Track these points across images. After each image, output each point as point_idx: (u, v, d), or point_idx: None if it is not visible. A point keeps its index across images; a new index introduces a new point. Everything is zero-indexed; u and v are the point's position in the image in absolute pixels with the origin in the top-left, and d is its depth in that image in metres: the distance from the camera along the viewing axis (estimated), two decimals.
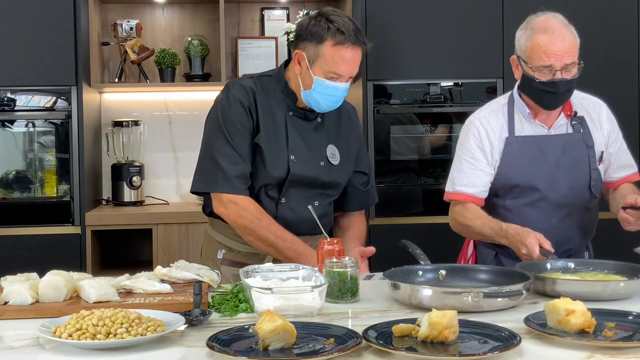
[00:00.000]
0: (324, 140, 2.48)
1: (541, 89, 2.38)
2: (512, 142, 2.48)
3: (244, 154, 2.37)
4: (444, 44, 4.09)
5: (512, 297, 1.90)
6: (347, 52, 2.29)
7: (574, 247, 2.50)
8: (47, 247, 3.84)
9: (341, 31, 2.28)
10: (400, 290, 1.96)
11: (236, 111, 2.38)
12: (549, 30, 2.35)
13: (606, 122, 2.54)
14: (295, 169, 2.39)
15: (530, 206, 2.47)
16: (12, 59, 3.86)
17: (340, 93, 2.36)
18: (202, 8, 4.47)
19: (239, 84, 2.44)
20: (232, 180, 2.36)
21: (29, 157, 3.98)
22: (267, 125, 2.39)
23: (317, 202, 2.46)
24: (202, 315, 1.80)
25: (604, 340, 1.61)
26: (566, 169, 2.46)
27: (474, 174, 2.50)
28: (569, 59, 2.34)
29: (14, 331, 1.75)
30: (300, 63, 2.36)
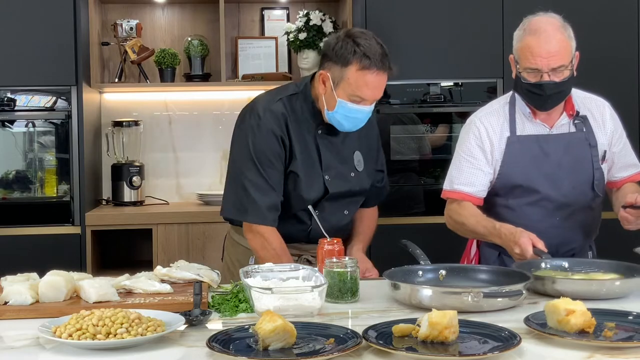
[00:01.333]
0: (351, 149, 2.50)
1: (529, 90, 2.38)
2: (514, 142, 2.48)
3: (275, 185, 2.38)
4: (444, 44, 4.09)
5: (512, 297, 1.90)
6: (372, 77, 2.28)
7: (577, 246, 2.50)
8: (47, 247, 3.84)
9: (367, 56, 2.26)
10: (400, 290, 1.96)
11: (268, 141, 2.38)
12: (538, 32, 2.34)
13: (610, 121, 2.53)
14: (332, 187, 2.42)
15: (532, 206, 2.47)
16: (12, 59, 3.86)
17: (363, 116, 2.36)
18: (202, 8, 4.47)
19: (270, 110, 2.40)
20: (263, 211, 2.37)
21: (29, 157, 3.97)
22: (301, 149, 2.39)
23: (346, 210, 2.49)
24: (202, 315, 1.81)
25: (604, 340, 1.61)
26: (568, 168, 2.45)
27: (473, 173, 2.50)
28: (557, 62, 2.32)
29: (14, 331, 1.75)
30: (325, 83, 2.34)
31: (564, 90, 2.38)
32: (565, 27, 2.38)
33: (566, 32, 2.37)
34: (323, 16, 4.31)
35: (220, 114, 4.47)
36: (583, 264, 2.25)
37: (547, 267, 2.24)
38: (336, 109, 2.33)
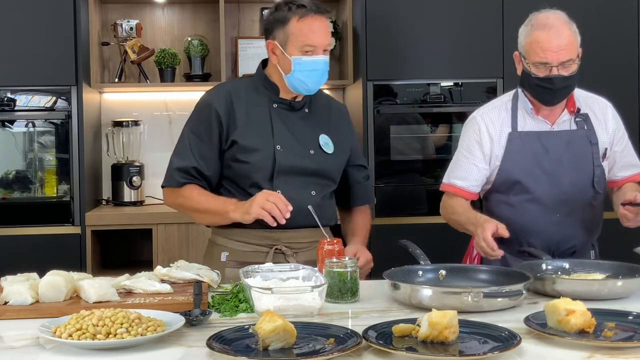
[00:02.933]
0: (315, 130, 2.50)
1: (538, 84, 2.40)
2: (515, 138, 2.49)
3: (195, 151, 2.43)
4: (444, 44, 4.09)
5: (512, 297, 1.90)
6: (313, 22, 2.35)
7: (578, 244, 2.50)
8: (47, 247, 3.84)
9: (301, 5, 2.36)
10: (400, 290, 1.96)
11: (202, 114, 2.46)
12: (546, 26, 2.37)
13: (612, 120, 2.54)
14: (282, 158, 2.40)
15: (532, 202, 2.48)
16: (12, 59, 3.86)
17: (321, 66, 2.38)
18: (202, 8, 4.47)
19: (215, 89, 2.52)
20: (171, 172, 2.47)
21: (29, 157, 3.97)
22: (249, 120, 2.42)
23: (314, 191, 2.45)
24: (202, 315, 1.80)
25: (604, 340, 1.61)
26: (569, 165, 2.46)
27: (467, 169, 2.53)
28: (566, 56, 2.36)
29: (14, 331, 1.75)
30: (274, 52, 2.41)
31: (571, 84, 2.41)
32: (571, 22, 2.42)
33: (572, 27, 2.41)
34: None
35: None
36: (583, 265, 2.25)
37: (548, 268, 2.24)
38: (293, 68, 2.37)
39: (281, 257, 2.41)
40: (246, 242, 2.44)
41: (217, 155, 2.44)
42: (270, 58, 2.45)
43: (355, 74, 4.18)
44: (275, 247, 2.42)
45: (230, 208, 2.36)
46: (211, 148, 2.43)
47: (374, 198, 2.73)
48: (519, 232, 2.47)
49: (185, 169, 2.43)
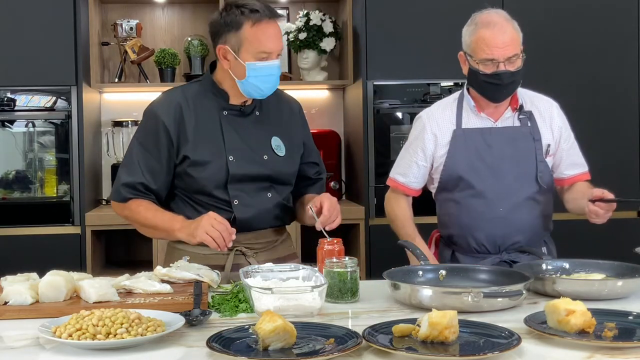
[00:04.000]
0: (266, 133, 2.45)
1: (485, 81, 2.45)
2: (459, 135, 2.54)
3: (143, 167, 2.37)
4: (444, 44, 4.08)
5: (512, 297, 1.90)
6: (268, 28, 2.30)
7: (524, 240, 2.52)
8: (47, 247, 3.84)
9: (255, 10, 2.29)
10: (400, 290, 1.96)
11: (150, 128, 2.39)
12: (490, 24, 2.44)
13: (558, 118, 2.60)
14: (234, 169, 2.36)
15: (475, 197, 2.52)
16: (12, 59, 3.86)
17: (275, 71, 2.34)
18: (202, 8, 4.47)
19: (163, 99, 2.43)
20: (118, 187, 2.40)
21: (29, 157, 3.97)
22: (200, 133, 2.37)
23: (269, 193, 2.43)
24: (202, 315, 1.80)
25: (604, 340, 1.61)
26: (511, 160, 2.50)
27: (408, 165, 2.63)
28: (511, 51, 2.42)
29: (14, 331, 1.75)
30: (226, 57, 2.34)
31: (517, 79, 2.47)
32: (512, 20, 2.49)
33: (514, 25, 2.48)
34: (323, 16, 4.31)
35: None
36: (583, 265, 2.25)
37: (548, 268, 2.24)
38: (247, 74, 2.31)
39: (242, 258, 2.40)
40: (204, 246, 2.35)
41: (166, 169, 2.38)
42: (222, 63, 2.36)
43: (355, 74, 4.18)
44: (236, 248, 2.39)
45: (176, 227, 2.33)
46: (160, 162, 2.37)
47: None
48: (465, 229, 2.54)
49: (132, 184, 2.38)
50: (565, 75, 4.13)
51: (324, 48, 4.31)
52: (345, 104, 4.57)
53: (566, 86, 4.13)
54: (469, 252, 2.55)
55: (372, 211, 4.02)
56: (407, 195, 2.68)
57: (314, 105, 4.61)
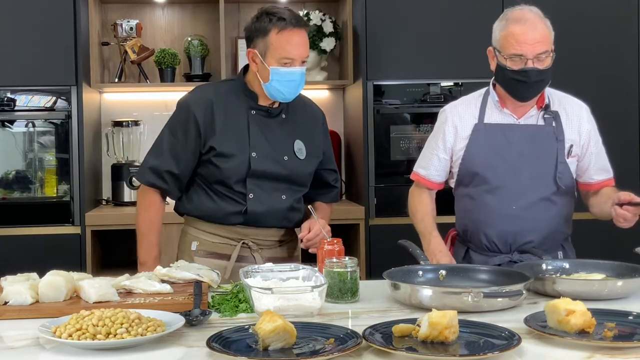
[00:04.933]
0: (290, 136, 2.58)
1: (513, 77, 2.42)
2: (480, 129, 2.52)
3: (171, 152, 2.52)
4: (444, 44, 4.09)
5: (512, 297, 1.90)
6: (292, 36, 2.43)
7: (537, 240, 2.48)
8: (47, 247, 3.84)
9: (282, 18, 2.43)
10: (400, 290, 1.96)
11: (181, 119, 2.54)
12: (521, 20, 2.41)
13: (587, 122, 2.56)
14: (256, 164, 2.49)
15: (490, 193, 2.50)
16: (12, 59, 3.86)
17: (297, 77, 2.46)
18: (202, 8, 4.47)
19: (198, 93, 2.59)
20: (144, 169, 2.58)
21: (29, 157, 3.97)
22: (227, 127, 2.50)
23: (284, 195, 2.55)
24: (202, 315, 1.81)
25: (604, 340, 1.61)
26: (530, 158, 2.47)
27: (429, 158, 2.63)
28: (541, 49, 2.39)
29: (14, 331, 1.75)
30: (255, 60, 2.49)
31: (545, 78, 2.44)
32: (545, 18, 2.46)
33: (547, 22, 2.45)
34: (323, 16, 4.31)
35: None
36: (583, 265, 2.25)
37: (548, 268, 2.24)
38: (271, 78, 2.44)
39: (247, 252, 2.55)
40: (216, 234, 2.56)
41: (191, 157, 2.53)
42: (251, 65, 2.52)
43: (355, 74, 4.18)
44: (243, 241, 2.54)
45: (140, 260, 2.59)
46: (186, 150, 2.52)
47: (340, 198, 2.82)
48: (478, 225, 2.53)
49: (158, 169, 2.54)
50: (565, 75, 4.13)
51: (324, 48, 4.31)
52: (345, 104, 4.57)
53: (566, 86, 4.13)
54: (481, 249, 2.53)
55: (372, 211, 4.01)
56: (429, 189, 2.66)
57: None
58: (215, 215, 2.53)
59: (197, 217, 2.58)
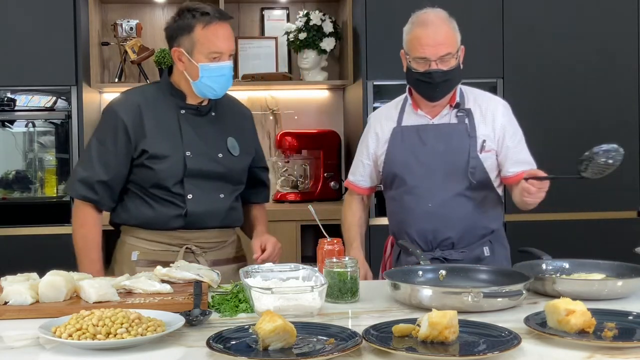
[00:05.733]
0: (222, 133, 2.55)
1: (418, 79, 2.47)
2: (397, 132, 2.58)
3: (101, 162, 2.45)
4: None
5: (512, 297, 1.90)
6: (218, 29, 2.40)
7: (455, 236, 2.49)
8: (47, 247, 3.84)
9: (205, 13, 2.40)
10: (400, 290, 1.96)
11: (109, 126, 2.48)
12: (425, 23, 2.46)
13: (501, 117, 2.56)
14: (191, 163, 2.45)
15: (408, 193, 2.54)
16: (12, 59, 3.86)
17: (227, 72, 2.44)
18: None
19: (123, 99, 2.53)
20: (74, 182, 2.50)
21: (29, 157, 3.98)
22: (158, 129, 2.46)
23: (222, 194, 2.52)
24: (202, 315, 1.81)
25: (604, 340, 1.61)
26: (444, 157, 2.50)
27: (356, 164, 2.71)
28: (444, 50, 2.43)
29: (14, 331, 1.75)
30: (181, 59, 2.45)
31: (451, 79, 2.48)
32: (450, 20, 2.50)
33: (452, 24, 2.49)
34: (323, 16, 4.31)
35: None
36: (583, 265, 2.25)
37: (548, 268, 2.24)
38: (200, 75, 2.41)
39: (191, 256, 2.48)
40: (157, 241, 2.50)
41: (123, 164, 2.46)
42: (177, 65, 2.48)
43: (355, 74, 4.18)
44: (185, 246, 2.48)
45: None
46: (117, 158, 2.46)
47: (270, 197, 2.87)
48: (400, 225, 2.57)
49: (88, 181, 2.46)
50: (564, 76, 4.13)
51: (324, 48, 4.31)
52: (345, 104, 4.57)
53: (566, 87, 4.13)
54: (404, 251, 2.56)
55: (372, 211, 4.01)
56: (359, 194, 2.73)
57: (314, 105, 4.61)
58: (155, 221, 2.47)
59: (135, 225, 2.51)
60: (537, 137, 4.11)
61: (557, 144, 4.12)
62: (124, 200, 2.53)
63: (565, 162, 4.11)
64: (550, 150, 4.12)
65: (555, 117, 4.12)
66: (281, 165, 4.48)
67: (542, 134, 4.11)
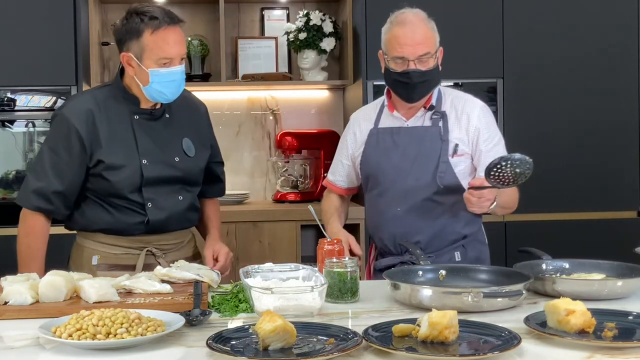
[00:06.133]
0: (177, 135, 2.50)
1: (396, 79, 2.47)
2: (373, 134, 2.57)
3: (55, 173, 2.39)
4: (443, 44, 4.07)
5: (512, 297, 1.90)
6: (168, 34, 2.32)
7: (423, 240, 2.47)
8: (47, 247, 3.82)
9: (154, 17, 2.32)
10: (400, 290, 1.96)
11: (61, 134, 2.40)
12: (404, 23, 2.46)
13: (476, 120, 2.53)
14: (148, 172, 2.40)
15: (379, 196, 2.54)
16: (12, 59, 3.86)
17: (178, 77, 2.37)
18: (202, 8, 4.47)
19: (74, 105, 2.44)
20: (27, 192, 2.44)
21: (29, 157, 3.97)
22: (113, 138, 2.40)
23: (181, 196, 2.49)
24: (202, 315, 1.81)
25: (604, 340, 1.61)
26: (416, 160, 2.48)
27: (336, 164, 2.70)
28: (422, 50, 2.43)
29: (14, 331, 1.75)
30: (131, 64, 2.37)
31: (429, 79, 2.47)
32: (429, 20, 2.50)
33: (430, 25, 2.49)
34: (323, 16, 4.31)
35: (220, 114, 4.47)
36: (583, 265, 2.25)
37: (548, 268, 2.24)
38: (150, 80, 2.34)
39: (152, 259, 2.46)
40: (117, 245, 2.45)
41: (77, 173, 2.41)
42: (127, 70, 2.40)
43: (355, 74, 4.18)
44: (146, 249, 2.46)
45: None
46: (70, 167, 2.39)
47: None
48: (374, 229, 2.58)
49: (43, 191, 2.41)
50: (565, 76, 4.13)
51: (324, 48, 4.31)
52: (345, 104, 4.57)
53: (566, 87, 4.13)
54: (380, 252, 2.56)
55: None
56: (338, 194, 2.72)
57: (314, 105, 4.61)
58: (115, 227, 2.43)
59: (94, 231, 2.47)
60: (536, 137, 4.12)
61: (557, 143, 4.12)
62: (80, 207, 2.47)
63: (565, 162, 4.13)
64: (550, 150, 4.12)
65: (555, 117, 4.12)
66: (281, 165, 4.48)
67: (541, 133, 4.12)
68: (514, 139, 4.08)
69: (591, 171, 4.14)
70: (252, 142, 4.52)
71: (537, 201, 4.10)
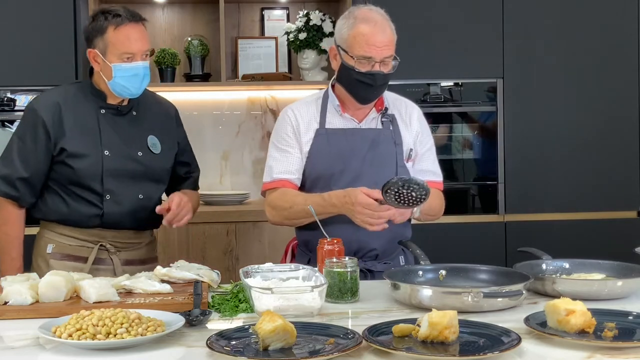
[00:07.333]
0: (143, 132, 2.59)
1: (358, 79, 2.38)
2: (322, 134, 2.47)
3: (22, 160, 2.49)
4: (443, 44, 4.09)
5: (512, 297, 1.90)
6: (129, 31, 2.46)
7: (380, 246, 2.43)
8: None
9: (117, 15, 2.46)
10: (400, 290, 1.96)
11: (29, 124, 2.51)
12: (371, 21, 2.37)
13: (416, 122, 2.53)
14: (109, 163, 2.49)
15: None
16: (12, 59, 3.86)
17: (141, 71, 2.48)
18: (202, 8, 4.47)
19: (43, 98, 2.56)
20: None
21: None
22: (78, 128, 2.50)
23: (141, 195, 2.55)
24: (202, 315, 1.81)
25: (604, 340, 1.61)
26: (372, 163, 2.43)
27: (290, 161, 2.48)
28: (388, 52, 2.37)
29: (14, 331, 1.75)
30: (96, 60, 2.50)
31: (387, 82, 2.43)
32: (390, 20, 2.42)
33: (392, 25, 2.42)
34: (323, 16, 4.31)
35: (220, 114, 4.47)
36: (583, 265, 2.25)
37: (548, 268, 2.24)
38: (114, 75, 2.46)
39: (105, 254, 2.54)
40: (73, 236, 2.53)
41: (42, 161, 2.50)
42: (93, 66, 2.52)
43: None
44: (100, 243, 2.53)
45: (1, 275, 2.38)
46: (36, 154, 2.49)
47: None
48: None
49: (9, 177, 2.50)
50: (565, 76, 4.13)
51: (324, 48, 4.31)
52: None
53: (566, 87, 4.13)
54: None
55: None
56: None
57: None
58: (69, 218, 2.51)
59: (52, 221, 2.55)
60: (536, 137, 4.12)
61: (556, 143, 4.12)
62: (43, 196, 2.55)
63: (565, 162, 4.13)
64: (550, 150, 4.12)
65: (555, 117, 4.12)
66: None
67: (541, 133, 4.12)
68: (514, 139, 4.10)
69: (591, 171, 4.14)
70: (252, 142, 4.52)
71: (537, 201, 4.10)
